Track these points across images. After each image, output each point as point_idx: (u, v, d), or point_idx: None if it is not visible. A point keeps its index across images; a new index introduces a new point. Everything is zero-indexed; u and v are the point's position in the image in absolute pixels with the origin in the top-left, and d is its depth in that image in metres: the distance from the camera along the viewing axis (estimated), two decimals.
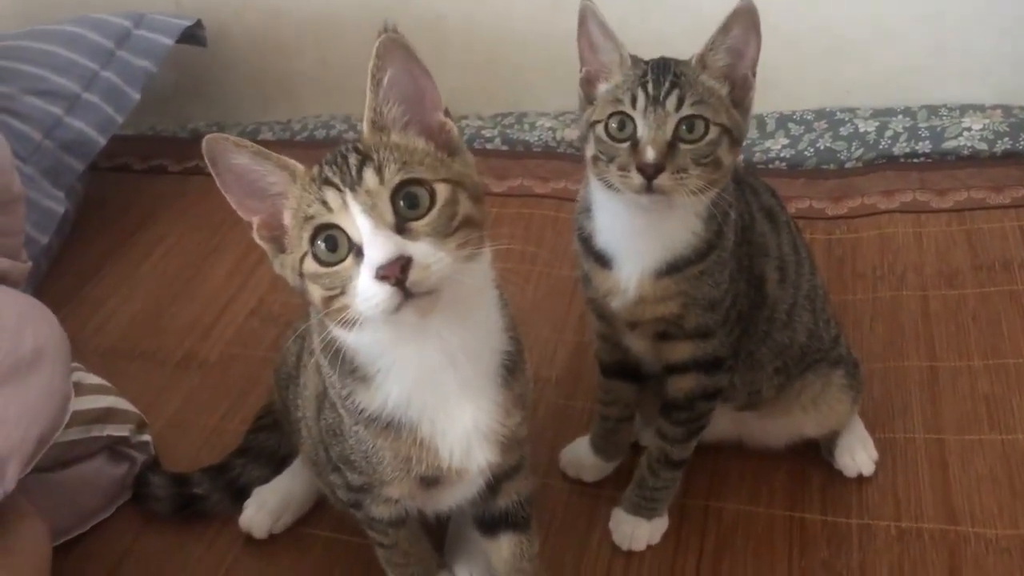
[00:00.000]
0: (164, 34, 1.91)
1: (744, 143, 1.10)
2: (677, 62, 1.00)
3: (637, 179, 0.95)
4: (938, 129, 1.70)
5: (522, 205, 1.77)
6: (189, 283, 1.70)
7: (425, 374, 0.83)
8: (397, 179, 0.75)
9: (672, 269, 1.03)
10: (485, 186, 0.86)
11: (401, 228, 0.75)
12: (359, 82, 2.11)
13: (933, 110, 1.75)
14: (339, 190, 0.75)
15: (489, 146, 1.94)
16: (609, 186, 1.00)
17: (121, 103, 1.82)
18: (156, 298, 1.67)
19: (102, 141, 1.78)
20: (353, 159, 0.77)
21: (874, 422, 1.26)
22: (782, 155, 1.77)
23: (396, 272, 0.71)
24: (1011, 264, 1.46)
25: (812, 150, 1.76)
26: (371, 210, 0.74)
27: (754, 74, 1.01)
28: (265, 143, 2.08)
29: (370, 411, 0.85)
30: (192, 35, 2.00)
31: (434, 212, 0.76)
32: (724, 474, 1.25)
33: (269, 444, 1.28)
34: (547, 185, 1.81)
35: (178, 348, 1.54)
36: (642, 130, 0.96)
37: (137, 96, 1.84)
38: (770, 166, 1.76)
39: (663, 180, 0.95)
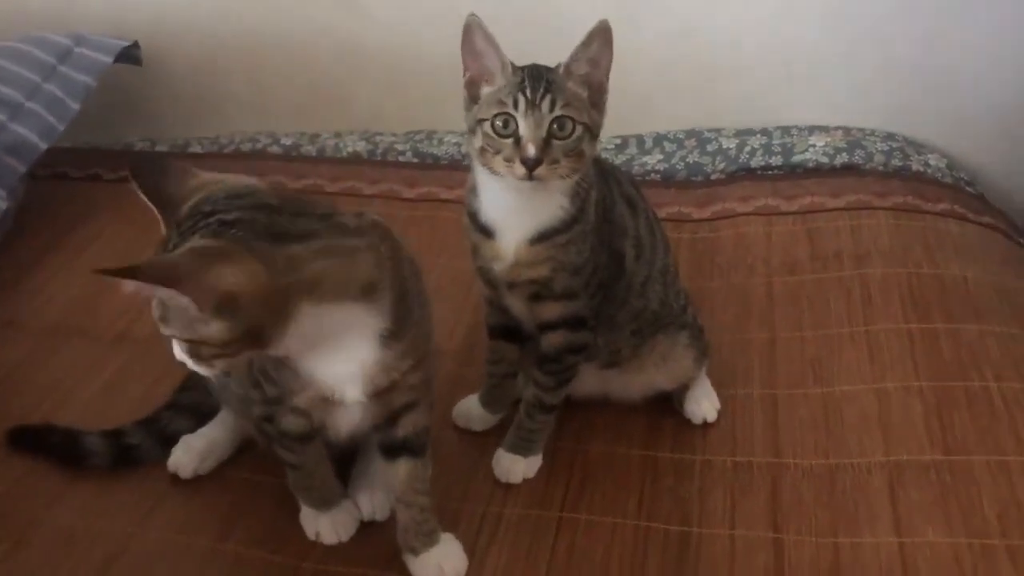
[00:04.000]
0: (103, 52, 2.09)
1: (600, 143, 1.33)
2: (548, 69, 1.21)
3: (520, 170, 1.16)
4: (788, 145, 1.97)
5: (430, 208, 1.99)
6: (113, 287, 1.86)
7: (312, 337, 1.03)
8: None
9: (543, 237, 1.24)
10: None
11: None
12: (284, 101, 2.33)
13: (786, 130, 2.03)
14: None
15: (401, 159, 2.15)
16: (493, 172, 1.21)
17: (63, 113, 1.98)
18: (93, 284, 1.83)
19: (43, 146, 1.94)
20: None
21: (720, 381, 1.47)
22: (657, 168, 2.02)
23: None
24: (841, 255, 1.72)
25: (683, 164, 2.02)
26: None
27: (607, 80, 1.23)
28: (194, 156, 2.31)
29: None
30: (129, 55, 2.18)
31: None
32: (591, 422, 1.45)
33: (195, 400, 1.44)
34: (452, 192, 2.01)
35: (112, 327, 1.70)
36: (523, 129, 1.17)
37: (77, 107, 2.01)
38: (647, 178, 2.01)
39: (541, 171, 1.16)
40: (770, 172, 1.96)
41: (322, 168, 2.15)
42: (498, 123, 1.18)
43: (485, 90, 1.23)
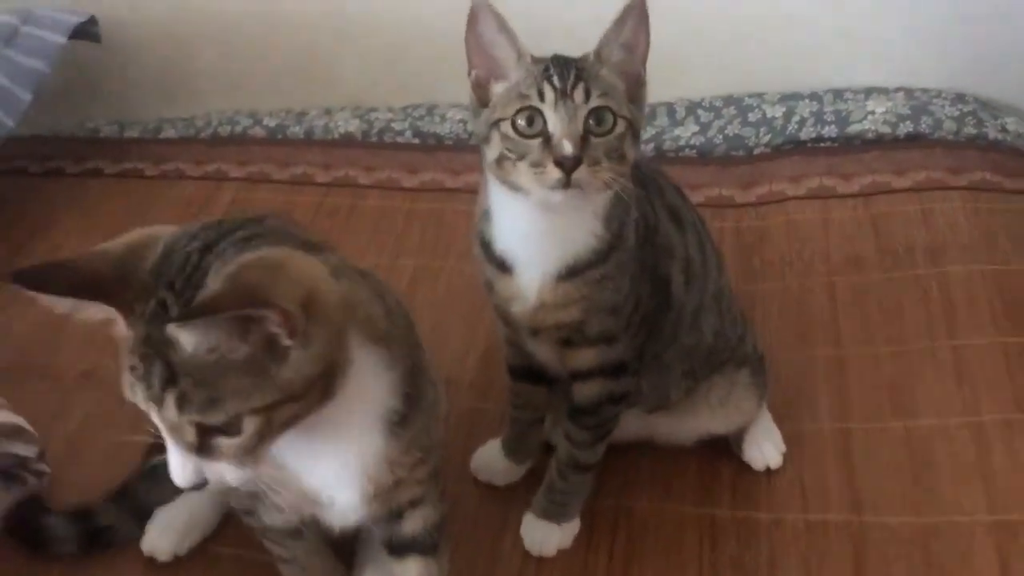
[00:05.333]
0: (54, 31, 1.83)
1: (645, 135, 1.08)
2: (575, 58, 0.98)
3: (554, 174, 0.93)
4: (843, 113, 1.72)
5: (434, 200, 1.75)
6: None
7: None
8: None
9: (573, 272, 1.02)
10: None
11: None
12: (262, 75, 2.07)
13: (838, 94, 1.77)
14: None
15: (400, 139, 1.90)
16: (513, 187, 0.98)
17: (12, 105, 1.74)
18: (46, 320, 1.60)
19: None
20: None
21: (782, 413, 1.26)
22: (692, 142, 1.77)
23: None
24: (914, 248, 1.48)
25: (721, 137, 1.76)
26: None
27: (645, 70, 1.00)
28: (168, 141, 2.07)
29: None
30: (85, 31, 1.92)
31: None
32: (635, 472, 1.24)
33: None
34: (459, 179, 1.78)
35: (76, 363, 1.49)
36: (554, 124, 0.94)
37: (28, 97, 1.76)
38: (681, 153, 1.76)
39: (581, 174, 0.93)
40: (823, 145, 1.70)
41: (312, 153, 1.90)
42: (521, 121, 0.95)
43: (498, 89, 1.00)
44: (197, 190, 1.85)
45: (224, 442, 0.74)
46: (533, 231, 1.01)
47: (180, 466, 0.76)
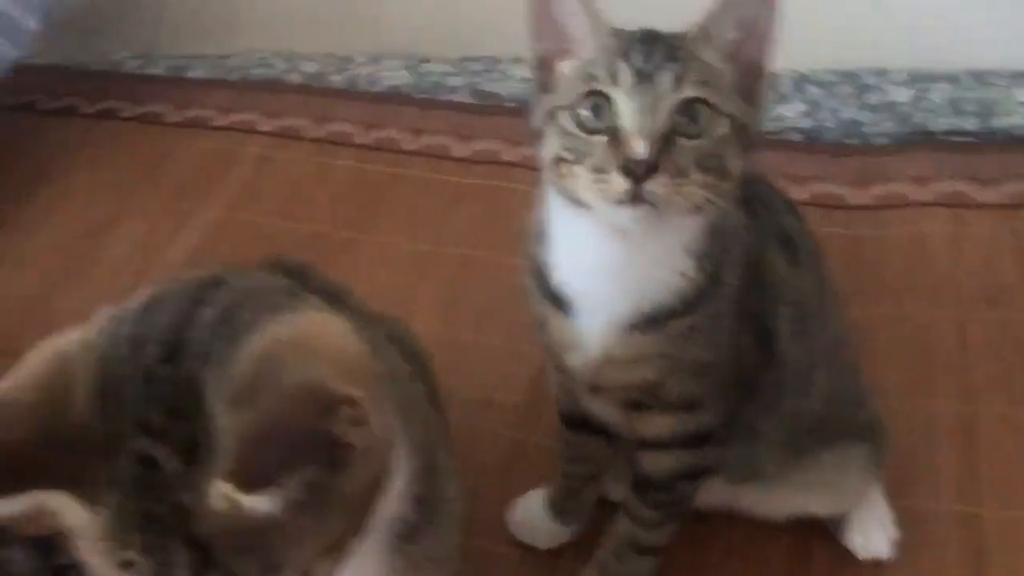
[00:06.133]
0: None
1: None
2: (670, 33, 0.74)
3: (620, 183, 0.69)
4: (987, 102, 1.43)
5: (487, 175, 1.50)
6: (89, 261, 1.44)
7: None
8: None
9: (649, 323, 0.78)
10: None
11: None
12: (305, 13, 1.82)
13: (980, 77, 1.47)
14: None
15: (455, 98, 1.65)
16: (574, 200, 0.74)
17: (13, 33, 1.53)
18: (47, 279, 1.41)
19: None
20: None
21: (892, 484, 1.01)
22: (799, 124, 1.49)
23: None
24: None
25: (834, 120, 1.48)
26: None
27: (769, 58, 0.75)
28: (194, 82, 1.84)
29: None
30: None
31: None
32: (708, 548, 1.01)
33: None
34: (518, 151, 1.52)
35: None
36: (627, 116, 0.70)
37: (33, 24, 1.55)
38: (783, 136, 1.48)
39: (657, 185, 0.69)
40: (959, 140, 1.41)
41: (352, 108, 1.66)
42: (584, 111, 0.72)
43: (564, 70, 0.76)
44: (219, 144, 1.62)
45: None
46: (600, 263, 0.78)
47: None
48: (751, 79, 0.75)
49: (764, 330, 0.84)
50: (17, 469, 0.47)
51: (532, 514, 1.04)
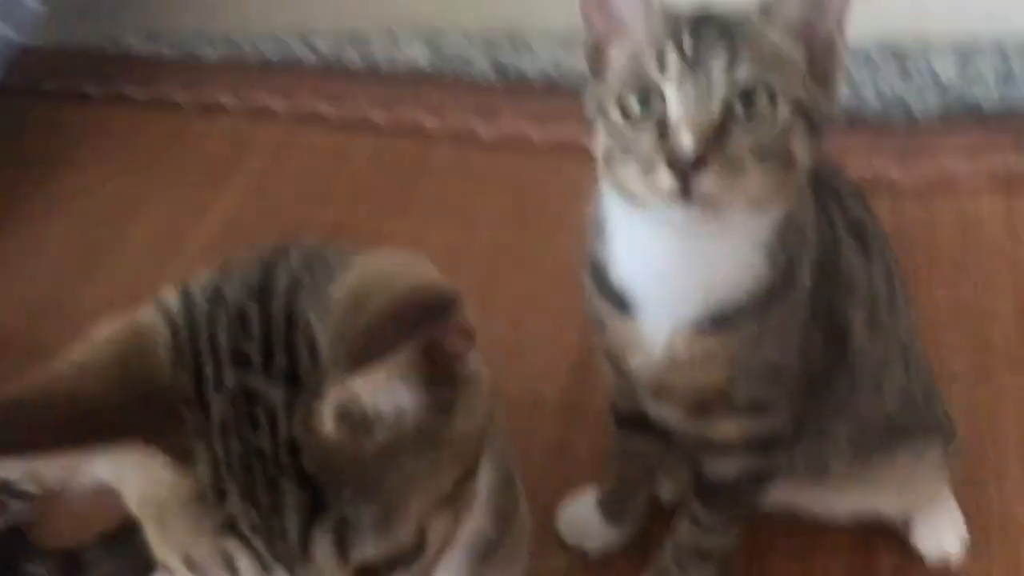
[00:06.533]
0: None
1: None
2: (728, 13, 0.68)
3: (667, 180, 0.64)
4: None
5: (514, 157, 1.44)
6: (104, 252, 1.38)
7: None
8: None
9: (718, 323, 0.73)
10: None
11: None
12: None
13: None
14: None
15: (476, 74, 1.58)
16: (628, 196, 0.69)
17: (17, 17, 1.46)
18: (64, 272, 1.35)
19: None
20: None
21: (958, 474, 0.96)
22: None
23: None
24: None
25: (875, 94, 1.42)
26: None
27: (843, 35, 0.70)
28: (207, 62, 1.77)
29: None
30: None
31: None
32: (765, 550, 0.97)
33: None
34: (546, 130, 1.46)
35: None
36: (675, 105, 0.64)
37: (38, 6, 1.48)
38: None
39: (707, 182, 0.64)
40: (1009, 116, 1.35)
41: (371, 87, 1.60)
42: (631, 101, 0.67)
43: (615, 53, 0.71)
44: (234, 127, 1.56)
45: None
46: (663, 261, 0.73)
47: None
48: (824, 58, 0.70)
49: (837, 328, 0.79)
50: (99, 421, 0.43)
51: (581, 517, 0.99)
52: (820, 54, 0.70)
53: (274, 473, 0.44)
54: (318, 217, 1.38)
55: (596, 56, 0.73)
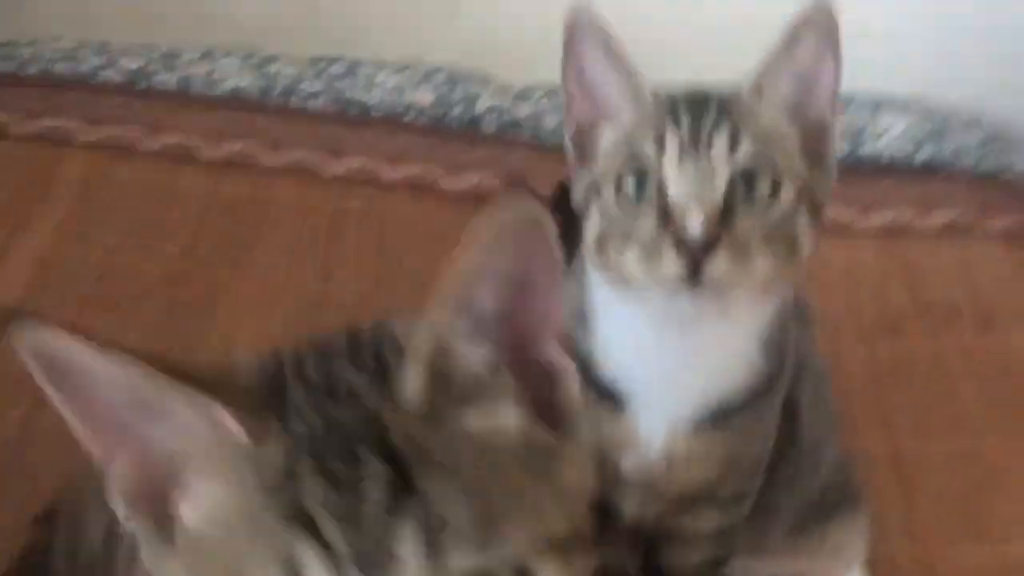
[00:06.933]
0: None
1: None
2: (720, 92, 0.69)
3: (675, 266, 0.63)
4: (856, 127, 1.45)
5: (370, 198, 1.34)
6: None
7: None
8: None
9: (719, 418, 0.72)
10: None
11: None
12: None
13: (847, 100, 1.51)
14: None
15: (312, 105, 1.45)
16: (623, 285, 0.67)
17: None
18: None
19: None
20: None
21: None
22: None
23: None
24: (958, 311, 1.26)
25: None
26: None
27: (834, 114, 0.71)
28: None
29: None
30: None
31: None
32: None
33: None
34: (397, 169, 1.38)
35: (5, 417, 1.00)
36: (677, 188, 0.64)
37: None
38: None
39: (719, 266, 0.63)
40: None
41: (193, 115, 1.41)
42: (628, 185, 0.66)
43: (606, 136, 0.69)
44: (29, 155, 1.33)
45: None
46: (662, 353, 0.71)
47: None
48: (816, 139, 0.71)
49: (790, 406, 0.81)
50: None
51: None
52: (812, 135, 0.70)
53: (355, 444, 0.40)
54: (150, 266, 1.21)
55: (582, 141, 0.71)
